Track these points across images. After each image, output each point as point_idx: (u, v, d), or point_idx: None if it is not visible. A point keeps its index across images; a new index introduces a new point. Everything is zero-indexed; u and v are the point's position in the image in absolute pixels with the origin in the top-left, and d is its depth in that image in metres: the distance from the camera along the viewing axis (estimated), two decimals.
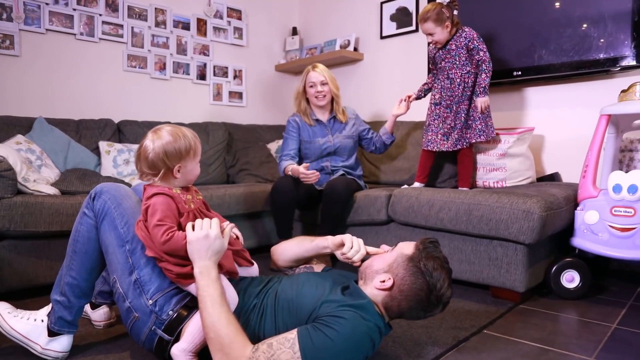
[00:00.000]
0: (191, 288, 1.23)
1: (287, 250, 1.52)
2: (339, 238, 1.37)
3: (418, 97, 2.52)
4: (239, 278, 1.34)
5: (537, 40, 2.44)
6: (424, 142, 2.34)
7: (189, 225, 1.19)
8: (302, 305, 1.18)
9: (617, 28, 2.20)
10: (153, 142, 1.23)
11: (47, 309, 1.36)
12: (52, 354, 1.31)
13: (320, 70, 2.48)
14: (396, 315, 1.22)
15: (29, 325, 1.32)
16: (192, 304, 1.24)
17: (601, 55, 2.25)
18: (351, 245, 1.33)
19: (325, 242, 1.40)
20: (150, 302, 1.23)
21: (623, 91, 1.94)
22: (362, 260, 1.33)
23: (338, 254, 1.36)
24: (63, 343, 1.32)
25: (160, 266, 1.24)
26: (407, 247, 1.23)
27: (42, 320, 1.32)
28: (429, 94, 2.43)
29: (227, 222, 1.29)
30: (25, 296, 1.94)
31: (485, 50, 2.21)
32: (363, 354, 1.11)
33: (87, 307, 1.59)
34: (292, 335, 1.06)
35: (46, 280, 1.97)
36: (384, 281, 1.19)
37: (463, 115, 2.24)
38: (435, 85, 2.35)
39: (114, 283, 1.29)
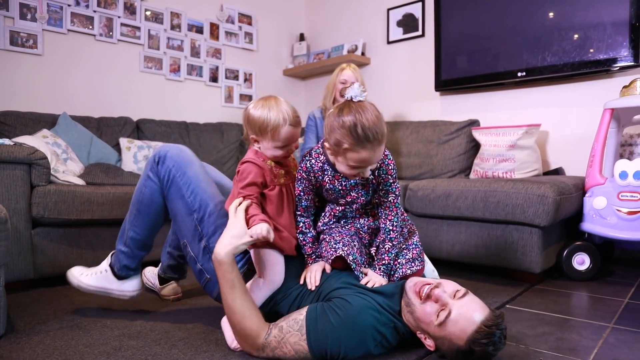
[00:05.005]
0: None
1: None
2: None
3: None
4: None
5: (540, 42, 2.60)
6: None
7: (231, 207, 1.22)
8: (324, 287, 1.22)
9: (615, 31, 2.36)
10: (251, 105, 1.28)
11: (106, 260, 1.54)
12: (128, 294, 1.52)
13: (354, 71, 2.57)
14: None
15: (98, 278, 1.51)
16: (253, 268, 1.32)
17: (601, 56, 2.41)
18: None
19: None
20: None
21: (625, 87, 2.09)
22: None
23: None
24: (134, 283, 1.52)
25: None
26: (459, 336, 1.06)
27: (106, 271, 1.51)
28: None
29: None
30: (56, 283, 1.98)
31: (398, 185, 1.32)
32: (371, 343, 1.11)
33: (157, 282, 1.71)
34: (301, 316, 1.12)
35: None
36: (426, 339, 1.14)
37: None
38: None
39: (185, 246, 1.39)
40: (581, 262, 2.01)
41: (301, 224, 1.33)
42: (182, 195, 1.36)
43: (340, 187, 1.26)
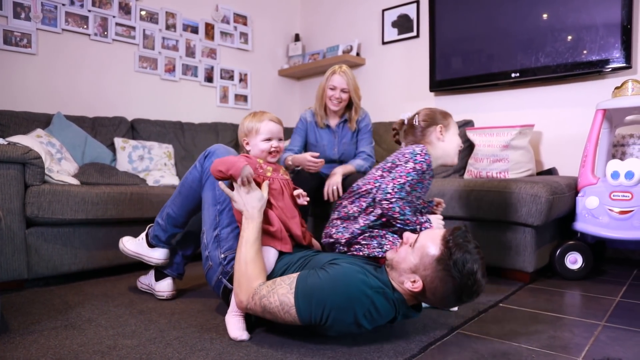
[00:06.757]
0: None
1: None
2: None
3: None
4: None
5: (534, 43, 2.62)
6: None
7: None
8: (317, 261, 1.33)
9: (607, 32, 2.38)
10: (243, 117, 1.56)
11: (144, 232, 1.77)
12: (153, 261, 1.73)
13: (344, 75, 2.29)
14: (426, 302, 1.27)
15: (136, 244, 1.75)
16: None
17: (594, 57, 2.43)
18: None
19: None
20: (222, 256, 1.47)
21: (617, 88, 2.12)
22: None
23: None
24: (160, 253, 1.72)
25: (238, 225, 1.44)
26: (431, 246, 1.17)
27: (142, 239, 1.75)
28: None
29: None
30: (50, 283, 1.98)
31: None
32: (359, 308, 1.15)
33: (152, 279, 1.77)
34: (295, 275, 1.23)
35: (71, 268, 2.01)
36: (414, 281, 1.19)
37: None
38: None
39: (203, 234, 1.55)
40: (574, 261, 2.03)
41: None
42: (214, 188, 1.53)
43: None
